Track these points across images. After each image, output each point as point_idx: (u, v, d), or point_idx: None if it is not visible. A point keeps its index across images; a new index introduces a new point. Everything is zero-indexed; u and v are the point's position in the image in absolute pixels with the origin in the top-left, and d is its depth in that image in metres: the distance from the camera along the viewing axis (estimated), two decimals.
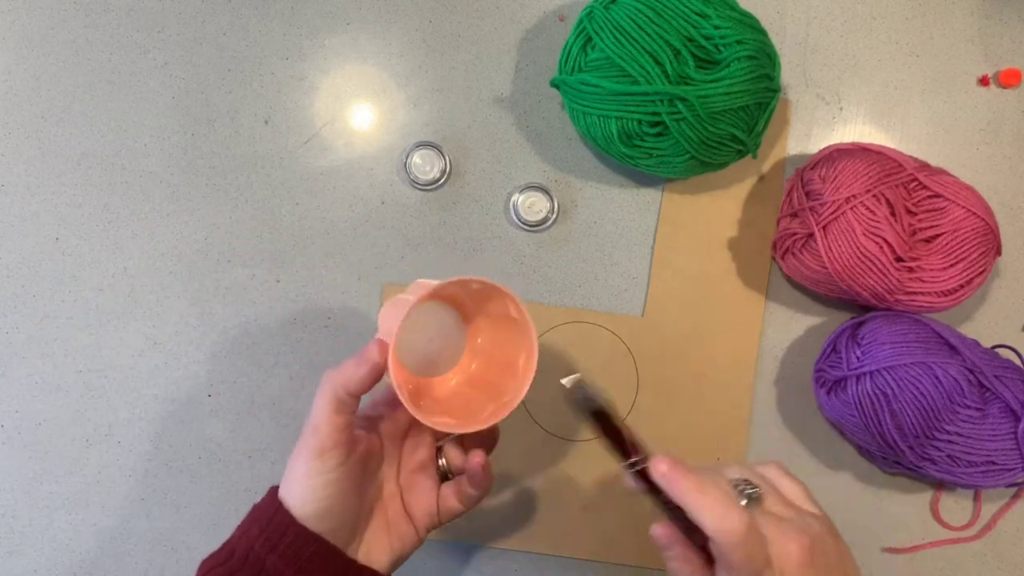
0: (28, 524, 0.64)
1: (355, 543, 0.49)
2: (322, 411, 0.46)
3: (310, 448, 0.46)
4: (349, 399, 0.46)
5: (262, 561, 0.45)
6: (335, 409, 0.46)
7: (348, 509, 0.48)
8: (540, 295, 0.66)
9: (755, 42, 0.58)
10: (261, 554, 0.46)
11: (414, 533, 0.51)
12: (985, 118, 0.68)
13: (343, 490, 0.47)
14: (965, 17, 0.68)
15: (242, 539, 0.47)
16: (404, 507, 0.52)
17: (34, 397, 0.65)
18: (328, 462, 0.46)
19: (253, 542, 0.46)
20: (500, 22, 0.68)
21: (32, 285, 0.65)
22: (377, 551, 0.50)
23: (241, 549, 0.46)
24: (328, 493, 0.46)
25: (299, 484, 0.46)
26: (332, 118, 0.67)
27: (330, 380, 0.46)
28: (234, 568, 0.46)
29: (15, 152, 0.66)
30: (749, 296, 0.66)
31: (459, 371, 0.54)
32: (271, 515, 0.46)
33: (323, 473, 0.46)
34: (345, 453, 0.47)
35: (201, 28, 0.67)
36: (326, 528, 0.46)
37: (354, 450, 0.48)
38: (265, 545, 0.46)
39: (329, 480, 0.46)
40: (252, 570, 0.45)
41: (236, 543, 0.47)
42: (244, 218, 0.66)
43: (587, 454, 0.65)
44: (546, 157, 0.67)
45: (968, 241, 0.59)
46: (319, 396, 0.47)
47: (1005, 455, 0.58)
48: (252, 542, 0.46)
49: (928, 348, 0.58)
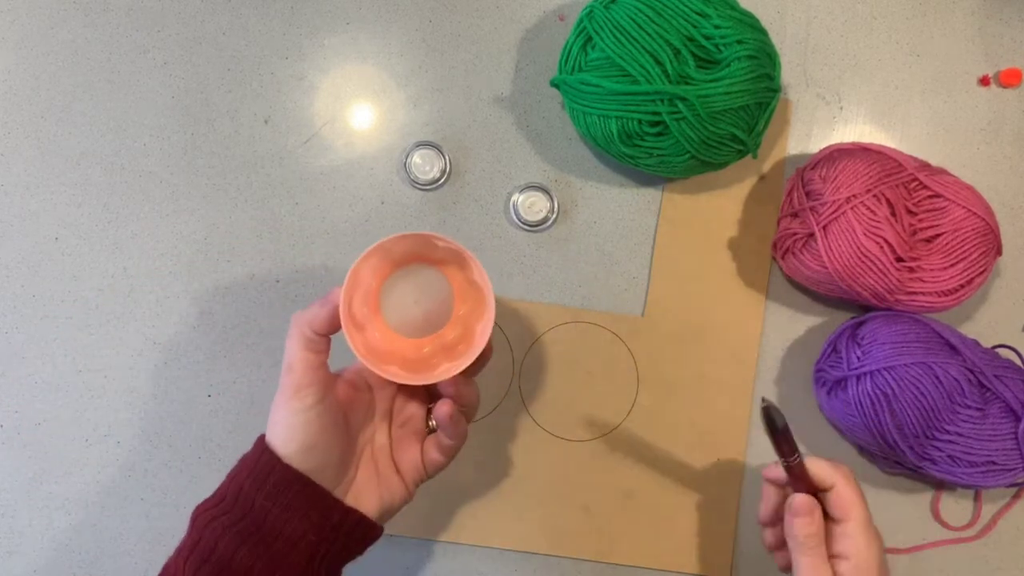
0: (28, 524, 0.64)
1: (343, 487, 0.51)
2: (293, 350, 0.48)
3: (286, 387, 0.48)
4: (317, 338, 0.48)
5: (251, 501, 0.47)
6: (304, 347, 0.48)
7: (332, 448, 0.49)
8: (540, 295, 0.66)
9: (755, 42, 0.58)
10: (250, 494, 0.47)
11: (403, 487, 0.53)
12: (985, 118, 0.68)
13: (323, 427, 0.48)
14: (965, 17, 0.68)
15: (232, 483, 0.49)
16: (393, 460, 0.53)
17: (34, 397, 0.65)
18: (306, 399, 0.48)
19: (242, 484, 0.48)
20: (500, 22, 0.68)
21: (32, 285, 0.65)
22: (366, 499, 0.51)
23: (232, 492, 0.48)
24: (309, 431, 0.48)
25: (281, 424, 0.48)
26: (332, 118, 0.67)
27: (297, 320, 0.49)
28: (225, 510, 0.48)
29: (15, 152, 0.66)
30: (749, 296, 0.66)
31: (436, 339, 0.54)
32: (257, 457, 0.48)
33: (302, 411, 0.48)
34: (321, 391, 0.48)
35: (201, 28, 0.67)
36: (311, 467, 0.48)
37: (331, 388, 0.49)
38: (253, 485, 0.48)
39: (309, 418, 0.48)
40: (242, 510, 0.47)
41: (226, 487, 0.49)
42: (244, 218, 0.66)
43: (587, 454, 0.65)
44: (546, 157, 0.67)
45: (968, 241, 0.59)
46: (288, 336, 0.49)
47: (1005, 455, 0.58)
48: (241, 484, 0.48)
49: (928, 348, 0.58)
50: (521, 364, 0.65)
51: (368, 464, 0.52)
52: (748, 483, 0.65)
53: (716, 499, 0.65)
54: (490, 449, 0.65)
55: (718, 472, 0.65)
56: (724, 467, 0.65)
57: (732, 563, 0.64)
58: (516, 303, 0.66)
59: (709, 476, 0.65)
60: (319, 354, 0.49)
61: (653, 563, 0.64)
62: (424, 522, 0.64)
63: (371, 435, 0.53)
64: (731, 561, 0.64)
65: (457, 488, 0.64)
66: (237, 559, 0.46)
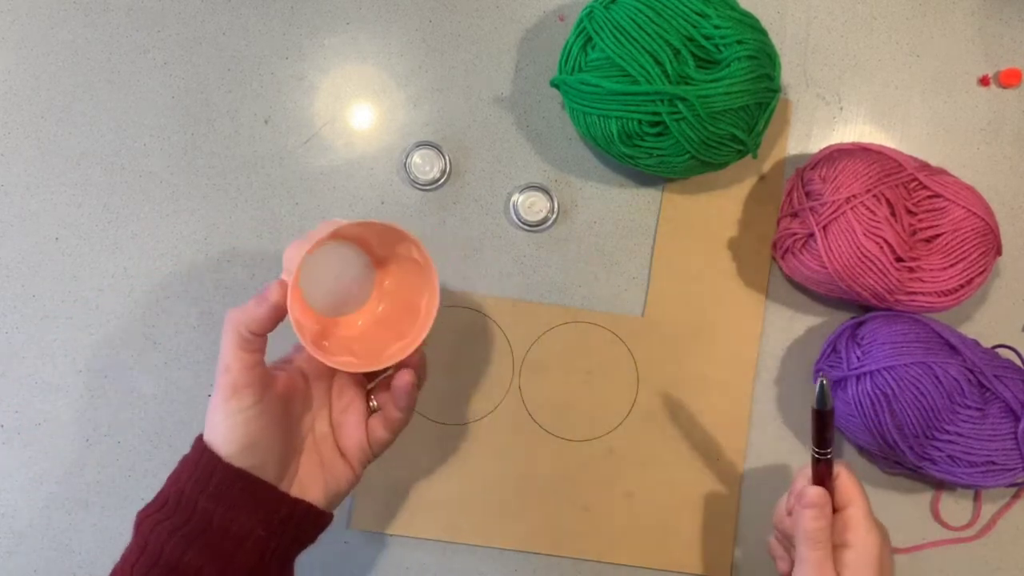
0: (28, 524, 0.64)
1: (287, 480, 0.50)
2: (228, 350, 0.47)
3: (224, 388, 0.47)
4: (253, 338, 0.47)
5: (194, 503, 0.47)
6: (240, 347, 0.47)
7: (273, 444, 0.49)
8: (540, 295, 0.66)
9: (755, 42, 0.58)
10: (192, 496, 0.47)
11: (349, 470, 0.53)
12: (985, 118, 0.68)
13: (263, 426, 0.48)
14: (965, 17, 0.68)
15: (173, 486, 0.48)
16: (338, 446, 0.53)
17: (34, 397, 0.65)
18: (244, 400, 0.47)
19: (184, 486, 0.47)
20: (500, 22, 0.68)
21: (32, 285, 0.65)
22: (312, 488, 0.51)
23: (174, 495, 0.47)
24: (249, 430, 0.47)
25: (220, 425, 0.47)
26: (332, 118, 0.67)
27: (232, 319, 0.47)
28: (168, 514, 0.47)
29: (15, 152, 0.66)
30: (749, 296, 0.66)
31: (366, 313, 0.55)
32: (198, 459, 0.48)
33: (240, 411, 0.47)
34: (259, 390, 0.48)
35: (201, 28, 0.67)
36: (253, 464, 0.48)
37: (269, 387, 0.49)
38: (195, 487, 0.47)
39: (248, 417, 0.47)
40: (185, 514, 0.47)
41: (168, 491, 0.48)
42: (244, 218, 0.66)
43: (587, 454, 0.65)
44: (546, 157, 0.67)
45: (968, 241, 0.59)
46: (224, 335, 0.48)
47: (1005, 455, 0.58)
48: (183, 487, 0.47)
49: (928, 348, 0.58)
50: (521, 364, 0.65)
51: (311, 453, 0.52)
52: (748, 483, 0.65)
53: (716, 499, 0.65)
54: (490, 449, 0.65)
55: (718, 472, 0.65)
56: (724, 467, 0.65)
57: (732, 563, 0.64)
58: (516, 303, 0.66)
59: (709, 476, 0.65)
60: (255, 353, 0.48)
61: (653, 563, 0.64)
62: (424, 522, 0.64)
63: (311, 424, 0.53)
64: (731, 561, 0.64)
65: (457, 488, 0.64)
66: (185, 561, 0.46)
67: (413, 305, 0.53)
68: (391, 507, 0.64)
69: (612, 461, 0.65)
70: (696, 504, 0.65)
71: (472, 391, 0.65)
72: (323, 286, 0.53)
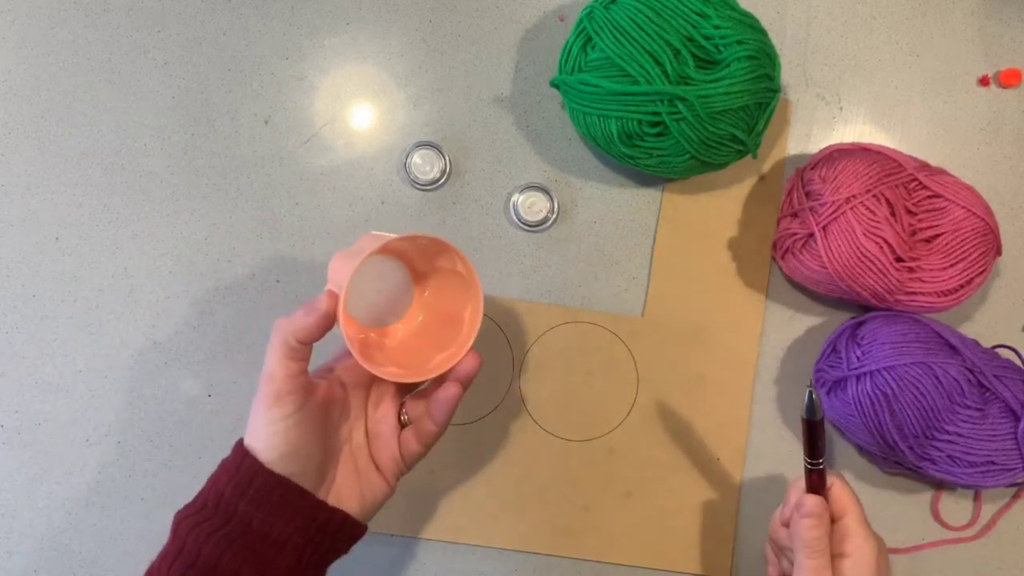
0: (28, 524, 0.64)
1: (324, 488, 0.51)
2: (274, 358, 0.48)
3: (267, 395, 0.48)
4: (300, 347, 0.48)
5: (233, 507, 0.47)
6: (286, 355, 0.48)
7: (313, 452, 0.49)
8: (540, 295, 0.66)
9: (755, 42, 0.58)
10: (232, 500, 0.47)
11: (383, 482, 0.53)
12: (985, 118, 0.68)
13: (305, 433, 0.48)
14: (965, 17, 0.68)
15: (213, 488, 0.48)
16: (372, 457, 0.53)
17: (34, 397, 0.65)
18: (286, 408, 0.48)
19: (223, 489, 0.48)
20: (500, 22, 0.68)
21: (32, 285, 0.65)
22: (348, 498, 0.51)
23: (213, 497, 0.48)
24: (290, 438, 0.48)
25: (262, 431, 0.48)
26: (332, 118, 0.67)
27: (280, 329, 0.48)
28: (207, 516, 0.47)
29: (15, 152, 0.66)
30: (749, 296, 0.66)
31: (406, 323, 0.56)
32: (239, 463, 0.48)
33: (283, 419, 0.47)
34: (301, 398, 0.48)
35: (201, 28, 0.67)
36: (293, 471, 0.48)
37: (311, 395, 0.49)
38: (235, 491, 0.47)
39: (289, 425, 0.48)
40: (224, 516, 0.47)
41: (207, 493, 0.48)
42: (244, 218, 0.66)
43: (587, 454, 0.65)
44: (546, 157, 0.67)
45: (968, 241, 0.59)
46: (271, 344, 0.48)
47: (1005, 455, 0.58)
48: (222, 489, 0.48)
49: (928, 348, 0.58)
50: (521, 364, 0.65)
51: (348, 463, 0.52)
52: (748, 483, 0.65)
53: (716, 499, 0.65)
54: (490, 449, 0.65)
55: (718, 472, 0.65)
56: (724, 467, 0.65)
57: (732, 563, 0.64)
58: (516, 303, 0.66)
59: (709, 476, 0.65)
60: (300, 362, 0.49)
61: (653, 563, 0.64)
62: (424, 522, 0.64)
63: (348, 434, 0.53)
64: (731, 561, 0.64)
65: (457, 488, 0.64)
66: (223, 563, 0.46)
67: (452, 316, 0.53)
68: (391, 507, 0.64)
69: (612, 461, 0.65)
70: (696, 504, 0.65)
71: (472, 391, 0.65)
72: (365, 298, 0.53)
